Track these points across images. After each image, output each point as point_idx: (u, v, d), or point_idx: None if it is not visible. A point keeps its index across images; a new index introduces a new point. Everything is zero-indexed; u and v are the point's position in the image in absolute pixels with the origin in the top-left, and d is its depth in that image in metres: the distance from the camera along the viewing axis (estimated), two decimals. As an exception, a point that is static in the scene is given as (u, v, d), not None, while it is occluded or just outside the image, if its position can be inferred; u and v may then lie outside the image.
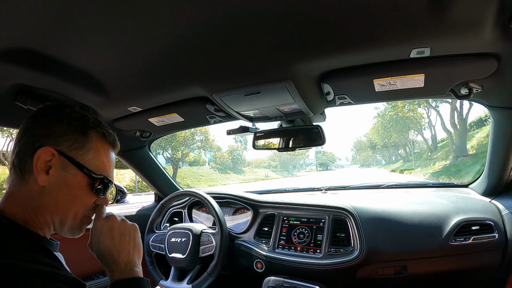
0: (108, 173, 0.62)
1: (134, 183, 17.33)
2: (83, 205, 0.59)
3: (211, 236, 1.29)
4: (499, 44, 0.69)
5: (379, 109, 30.49)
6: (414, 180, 9.15)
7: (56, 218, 0.56)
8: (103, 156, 0.61)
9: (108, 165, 0.62)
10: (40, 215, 0.54)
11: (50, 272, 0.45)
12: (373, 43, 0.70)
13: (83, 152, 0.57)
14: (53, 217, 0.55)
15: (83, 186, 0.57)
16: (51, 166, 0.54)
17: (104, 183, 0.60)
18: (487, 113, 1.22)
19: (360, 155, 60.21)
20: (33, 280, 0.42)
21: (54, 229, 0.57)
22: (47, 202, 0.54)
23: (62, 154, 0.55)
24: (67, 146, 0.55)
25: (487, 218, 1.10)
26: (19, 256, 0.44)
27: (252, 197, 1.50)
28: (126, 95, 0.97)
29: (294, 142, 1.24)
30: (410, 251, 1.09)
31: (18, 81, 0.75)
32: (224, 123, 1.30)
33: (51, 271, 0.45)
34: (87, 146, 0.58)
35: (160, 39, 0.66)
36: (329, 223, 1.24)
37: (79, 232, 0.62)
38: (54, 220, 0.56)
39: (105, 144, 0.62)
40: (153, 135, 1.44)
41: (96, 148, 0.59)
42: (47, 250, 0.51)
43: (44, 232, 0.56)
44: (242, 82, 0.87)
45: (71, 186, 0.56)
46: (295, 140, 1.24)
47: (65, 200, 0.56)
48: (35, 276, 0.42)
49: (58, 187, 0.55)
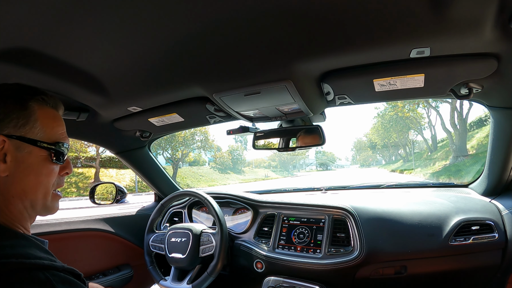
0: (61, 137, 0.61)
1: (134, 183, 17.33)
2: (49, 179, 0.58)
3: (211, 236, 1.29)
4: (499, 44, 0.69)
5: (379, 109, 30.50)
6: (414, 180, 9.14)
7: (26, 203, 0.55)
8: (51, 122, 0.59)
9: (58, 129, 0.61)
10: (12, 206, 0.53)
11: (49, 265, 0.46)
12: (373, 43, 0.70)
13: (30, 126, 0.56)
14: (24, 202, 0.55)
15: (42, 160, 0.56)
16: (5, 153, 0.53)
17: (61, 148, 0.60)
18: (487, 113, 1.22)
19: (360, 155, 60.18)
20: (36, 274, 0.43)
21: (28, 214, 0.56)
22: (14, 190, 0.54)
23: (11, 137, 0.53)
24: (12, 127, 0.54)
25: (487, 218, 1.10)
26: (17, 255, 0.44)
27: (252, 197, 1.50)
28: (126, 95, 0.97)
29: (294, 142, 1.24)
30: (410, 251, 1.09)
31: (18, 81, 0.75)
32: (224, 123, 1.30)
33: (50, 263, 0.46)
34: (32, 119, 0.56)
35: (160, 39, 0.66)
36: (329, 223, 1.24)
37: (53, 210, 0.61)
38: (25, 205, 0.55)
39: (48, 110, 0.60)
40: (153, 135, 1.44)
41: (40, 117, 0.58)
42: (38, 246, 0.51)
43: (23, 225, 0.56)
44: (242, 82, 0.87)
45: (31, 165, 0.55)
46: (295, 140, 1.24)
47: (30, 181, 0.55)
48: (37, 270, 0.43)
49: (20, 170, 0.54)
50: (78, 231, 1.40)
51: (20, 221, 0.55)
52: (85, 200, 10.80)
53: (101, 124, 1.21)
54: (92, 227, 1.46)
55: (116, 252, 1.54)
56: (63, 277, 0.46)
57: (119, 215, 1.62)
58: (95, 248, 1.47)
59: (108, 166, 18.81)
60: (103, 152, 17.68)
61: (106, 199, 1.64)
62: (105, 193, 1.66)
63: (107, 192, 1.66)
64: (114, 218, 1.58)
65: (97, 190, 1.64)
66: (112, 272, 1.47)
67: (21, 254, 0.45)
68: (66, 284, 0.45)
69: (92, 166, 17.34)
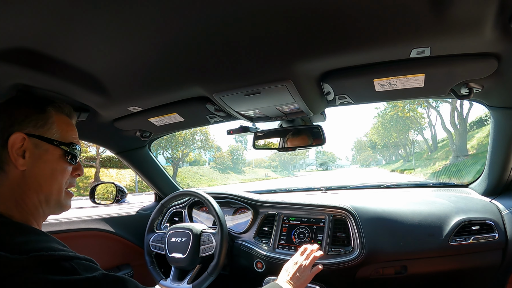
0: (75, 140, 0.67)
1: (134, 183, 17.34)
2: (63, 177, 0.63)
3: (211, 236, 1.29)
4: (499, 44, 0.69)
5: (379, 109, 30.53)
6: (414, 180, 9.15)
7: (41, 196, 0.60)
8: (65, 127, 0.66)
9: (72, 133, 0.67)
10: (28, 199, 0.58)
11: (74, 255, 0.50)
12: (373, 43, 0.70)
13: (48, 127, 0.62)
14: (39, 196, 0.59)
15: (57, 158, 0.62)
16: (25, 150, 0.58)
17: (74, 150, 0.66)
18: (487, 113, 1.22)
19: (360, 155, 60.20)
20: (64, 264, 0.47)
21: (42, 210, 0.61)
22: (31, 183, 0.58)
23: (31, 135, 0.59)
24: (32, 126, 0.60)
25: (487, 218, 1.10)
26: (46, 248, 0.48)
27: (252, 197, 1.50)
28: (126, 95, 0.97)
29: (294, 142, 1.24)
30: (410, 251, 1.09)
31: (18, 81, 0.75)
32: (224, 123, 1.30)
33: (74, 254, 0.50)
34: (50, 121, 0.63)
35: (160, 38, 0.66)
36: (329, 223, 1.24)
37: (66, 207, 0.66)
38: (40, 199, 0.60)
39: (63, 116, 0.67)
40: (153, 135, 1.44)
41: (57, 121, 0.64)
42: (57, 240, 0.55)
43: (37, 222, 0.60)
44: (242, 82, 0.87)
45: (47, 161, 0.61)
46: (295, 140, 1.24)
47: (45, 176, 0.60)
48: (64, 261, 0.48)
49: (37, 166, 0.59)
50: (78, 231, 1.40)
51: (34, 217, 0.59)
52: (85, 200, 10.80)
53: (101, 124, 1.21)
54: (92, 227, 1.46)
55: (116, 252, 1.54)
56: (86, 264, 0.50)
57: (119, 215, 1.62)
58: (95, 248, 1.47)
59: (108, 166, 18.83)
60: (103, 152, 17.70)
61: (106, 199, 1.64)
62: (105, 193, 1.66)
63: (107, 192, 1.66)
64: (114, 218, 1.58)
65: (97, 190, 1.64)
66: (112, 272, 1.48)
67: (48, 248, 0.49)
68: (88, 270, 0.49)
69: (92, 166, 17.35)
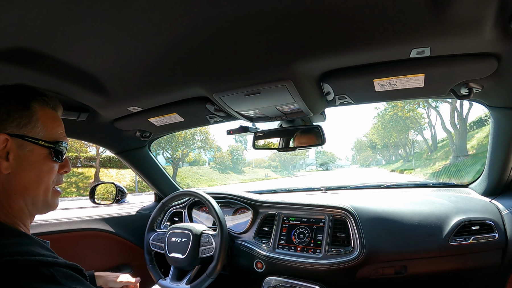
0: (61, 136, 0.63)
1: (134, 183, 17.33)
2: (50, 177, 0.60)
3: (211, 238, 1.29)
4: (499, 44, 0.69)
5: (379, 109, 30.50)
6: (414, 180, 9.14)
7: (28, 199, 0.57)
8: (51, 123, 0.62)
9: (58, 129, 0.63)
10: (13, 203, 0.55)
11: (53, 261, 0.47)
12: (373, 43, 0.70)
13: (32, 126, 0.58)
14: (25, 199, 0.57)
15: (43, 158, 0.59)
16: (8, 151, 0.54)
17: (60, 147, 0.62)
18: (487, 113, 1.22)
19: (360, 155, 60.18)
20: (41, 271, 0.44)
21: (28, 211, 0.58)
22: (16, 187, 0.55)
23: (14, 136, 0.55)
24: (15, 126, 0.56)
25: (487, 218, 1.10)
26: (21, 253, 0.46)
27: (252, 197, 1.50)
28: (126, 95, 0.97)
29: (294, 142, 1.24)
30: (410, 251, 1.09)
31: (18, 81, 0.75)
32: (224, 123, 1.30)
33: (54, 260, 0.48)
34: (34, 119, 0.58)
35: (160, 39, 0.66)
36: (329, 223, 1.24)
37: (53, 206, 0.63)
38: (27, 202, 0.57)
39: (49, 110, 0.62)
40: (153, 135, 1.44)
41: (42, 117, 0.60)
42: (40, 244, 0.53)
43: (24, 223, 0.57)
44: (242, 82, 0.87)
45: (32, 163, 0.57)
46: (295, 140, 1.24)
47: (31, 179, 0.57)
48: (42, 267, 0.45)
49: (22, 168, 0.56)
50: (78, 231, 1.40)
51: (20, 218, 0.56)
52: (85, 200, 10.80)
53: (101, 124, 1.21)
54: (92, 227, 1.46)
55: (116, 252, 1.54)
56: (66, 272, 0.47)
57: (119, 215, 1.62)
58: (95, 248, 1.47)
59: (108, 166, 18.82)
60: (103, 152, 17.69)
61: (106, 199, 1.64)
62: (105, 193, 1.66)
63: (107, 192, 1.66)
64: (114, 218, 1.58)
65: (97, 190, 1.64)
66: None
67: (25, 252, 0.46)
68: (69, 278, 0.47)
69: (92, 166, 17.34)
